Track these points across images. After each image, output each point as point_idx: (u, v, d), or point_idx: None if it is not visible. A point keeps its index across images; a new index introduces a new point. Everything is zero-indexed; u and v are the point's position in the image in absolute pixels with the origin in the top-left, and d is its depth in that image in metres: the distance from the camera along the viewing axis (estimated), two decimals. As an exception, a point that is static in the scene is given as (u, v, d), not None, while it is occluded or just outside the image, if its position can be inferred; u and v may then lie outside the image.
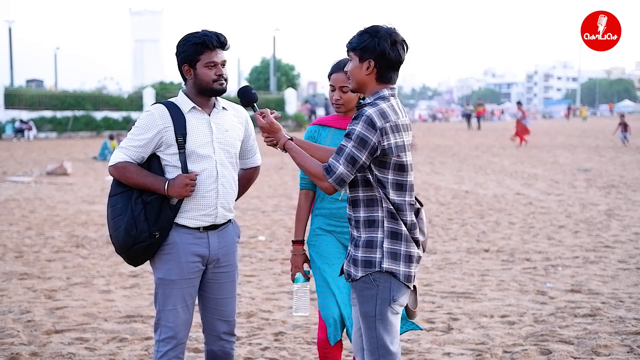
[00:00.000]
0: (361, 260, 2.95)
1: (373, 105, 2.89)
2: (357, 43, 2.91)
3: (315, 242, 3.60)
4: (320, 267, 3.56)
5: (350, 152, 2.84)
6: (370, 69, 2.91)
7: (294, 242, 3.63)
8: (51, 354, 4.62)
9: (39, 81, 49.97)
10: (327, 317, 3.50)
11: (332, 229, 3.57)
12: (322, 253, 3.56)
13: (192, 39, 3.25)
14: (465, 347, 4.75)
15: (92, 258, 7.69)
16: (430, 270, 7.00)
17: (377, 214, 2.93)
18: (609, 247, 7.99)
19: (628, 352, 4.57)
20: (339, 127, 3.60)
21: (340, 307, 3.49)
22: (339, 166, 2.84)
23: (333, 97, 3.57)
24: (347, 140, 2.85)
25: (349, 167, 2.84)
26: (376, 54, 2.88)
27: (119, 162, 3.23)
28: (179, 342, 3.30)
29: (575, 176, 15.47)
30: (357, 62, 2.93)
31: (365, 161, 2.86)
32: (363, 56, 2.90)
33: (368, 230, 2.94)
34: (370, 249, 2.94)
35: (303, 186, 3.66)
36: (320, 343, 3.61)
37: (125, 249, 3.23)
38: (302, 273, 3.58)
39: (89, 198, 12.72)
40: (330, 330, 3.51)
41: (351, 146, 2.84)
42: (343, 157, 2.84)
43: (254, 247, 8.22)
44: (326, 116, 3.70)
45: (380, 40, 2.87)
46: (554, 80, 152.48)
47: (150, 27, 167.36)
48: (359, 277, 2.95)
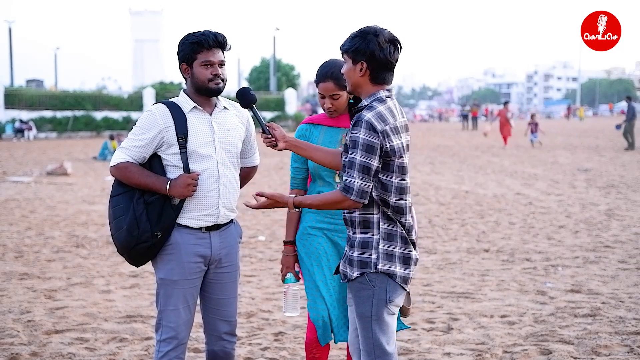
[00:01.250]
0: (357, 261, 2.95)
1: (370, 108, 2.88)
2: (349, 45, 2.92)
3: (305, 242, 3.57)
4: (309, 268, 3.54)
5: (361, 162, 2.81)
6: (363, 71, 2.91)
7: (285, 243, 3.62)
8: (51, 354, 4.62)
9: (39, 81, 50.02)
10: (317, 318, 3.50)
11: (325, 226, 3.54)
12: (312, 254, 3.54)
13: (190, 38, 3.25)
14: (465, 347, 4.75)
15: (92, 258, 7.69)
16: (430, 270, 7.00)
17: (372, 215, 2.93)
18: (609, 247, 7.99)
19: (628, 352, 4.57)
20: (331, 125, 3.58)
21: (329, 309, 3.49)
22: (354, 181, 2.82)
23: (324, 105, 3.54)
24: (354, 151, 2.83)
25: (365, 178, 2.82)
26: (367, 56, 2.88)
27: (121, 163, 3.23)
28: (180, 343, 3.30)
29: (575, 176, 15.47)
30: (350, 65, 2.93)
31: (378, 165, 2.85)
32: (356, 58, 2.91)
33: (363, 231, 2.94)
34: (365, 250, 2.94)
35: (294, 186, 3.64)
36: (308, 343, 3.61)
37: (128, 249, 3.22)
38: (293, 273, 3.57)
39: (89, 198, 12.72)
40: (320, 332, 3.51)
41: (359, 156, 2.82)
42: (356, 170, 2.82)
43: (254, 247, 8.22)
44: (317, 115, 3.67)
45: (369, 41, 2.87)
46: (554, 80, 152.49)
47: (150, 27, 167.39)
48: (355, 277, 2.95)
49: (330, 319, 3.49)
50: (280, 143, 3.14)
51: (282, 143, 3.14)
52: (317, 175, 3.55)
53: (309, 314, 3.54)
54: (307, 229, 3.57)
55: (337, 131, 3.56)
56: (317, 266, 3.52)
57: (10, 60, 45.71)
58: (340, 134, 3.54)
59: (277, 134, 3.14)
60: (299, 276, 3.60)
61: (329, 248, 3.53)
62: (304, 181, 3.63)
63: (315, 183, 3.58)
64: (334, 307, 3.49)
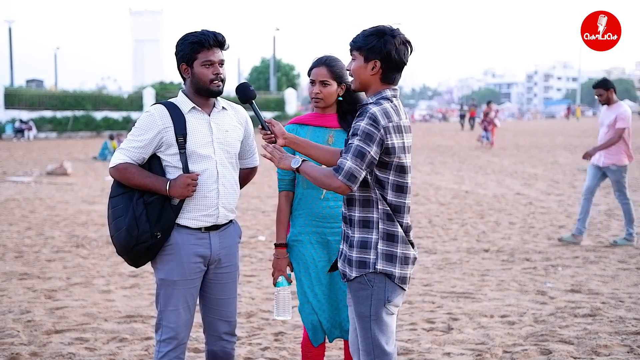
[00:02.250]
0: (356, 261, 2.95)
1: (377, 104, 2.89)
2: (364, 43, 2.91)
3: (294, 249, 3.55)
4: (297, 274, 3.55)
5: (357, 146, 2.81)
6: (375, 70, 2.91)
7: (277, 245, 3.58)
8: (51, 354, 4.62)
9: (39, 81, 50.02)
10: (306, 322, 3.55)
11: (316, 229, 3.50)
12: (300, 260, 3.53)
13: (189, 37, 3.25)
14: (465, 347, 4.75)
15: (92, 258, 7.69)
16: (430, 270, 7.00)
17: (372, 215, 2.93)
18: (609, 247, 7.99)
19: (628, 352, 4.57)
20: (317, 125, 3.54)
21: (317, 312, 3.51)
22: (346, 162, 2.82)
23: (312, 92, 3.50)
24: (353, 138, 2.84)
25: (357, 162, 2.81)
26: (382, 55, 2.88)
27: (120, 164, 3.23)
28: (180, 343, 3.30)
29: (575, 176, 15.47)
30: (361, 62, 2.93)
31: (374, 156, 2.83)
32: (369, 56, 2.90)
33: (362, 231, 2.94)
34: (364, 250, 2.94)
35: (282, 188, 3.59)
36: (303, 343, 3.65)
37: (127, 250, 3.22)
38: (285, 277, 3.55)
39: (89, 198, 12.72)
40: (311, 335, 3.55)
41: (357, 140, 2.82)
42: (350, 153, 2.82)
43: (254, 247, 8.22)
44: (304, 115, 3.64)
45: (386, 41, 2.87)
46: (554, 80, 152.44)
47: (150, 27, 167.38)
48: (354, 277, 2.96)
49: (320, 321, 3.52)
50: (280, 139, 3.14)
51: (281, 139, 3.14)
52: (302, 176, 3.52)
53: (300, 316, 3.58)
54: (297, 235, 3.54)
55: (323, 131, 3.53)
56: (304, 272, 3.52)
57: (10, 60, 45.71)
58: (327, 134, 3.52)
59: (277, 131, 3.14)
60: (290, 279, 3.58)
61: (317, 254, 3.51)
62: (292, 182, 3.59)
63: (299, 186, 3.54)
64: (323, 310, 3.51)
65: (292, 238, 3.57)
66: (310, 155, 3.16)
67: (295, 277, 3.58)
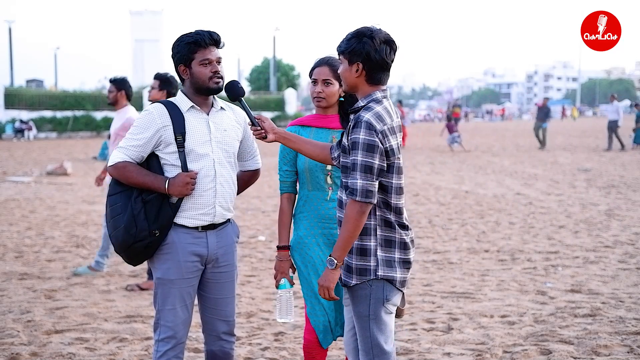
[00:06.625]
0: (355, 268, 2.94)
1: (368, 109, 2.88)
2: (346, 47, 2.92)
3: (301, 251, 3.52)
4: (307, 277, 3.51)
5: (362, 161, 2.80)
6: (359, 72, 2.92)
7: (279, 248, 3.55)
8: (51, 354, 4.62)
9: (39, 81, 50.01)
10: (317, 324, 3.50)
11: (322, 231, 3.48)
12: (309, 262, 3.50)
13: (185, 38, 3.26)
14: (465, 347, 4.75)
15: (92, 258, 7.68)
16: (430, 270, 7.00)
17: (369, 222, 2.92)
18: (609, 247, 7.99)
19: (628, 352, 4.57)
20: (320, 127, 3.52)
21: (328, 313, 3.48)
22: (356, 182, 2.80)
23: (315, 91, 3.49)
24: (355, 152, 2.82)
25: (368, 177, 2.80)
26: (363, 57, 2.88)
27: (119, 162, 3.23)
28: (178, 342, 3.30)
29: (575, 176, 15.47)
30: (346, 65, 2.94)
31: (381, 163, 2.83)
32: (352, 59, 2.91)
33: (360, 238, 2.93)
34: (364, 257, 2.93)
35: (284, 190, 3.57)
36: (306, 345, 3.58)
37: (125, 248, 3.22)
38: (287, 279, 3.51)
39: (89, 198, 12.71)
40: (321, 336, 3.51)
41: (360, 156, 2.80)
42: (358, 171, 2.81)
43: (254, 247, 8.22)
44: (306, 116, 3.62)
45: (365, 43, 2.87)
46: (554, 80, 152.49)
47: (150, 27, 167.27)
48: (354, 284, 2.95)
49: (330, 322, 3.50)
50: (270, 135, 3.16)
51: (271, 135, 3.16)
52: (307, 177, 3.48)
53: (309, 319, 3.53)
54: (302, 238, 3.51)
55: (326, 132, 3.51)
56: (314, 274, 3.48)
57: (10, 60, 45.69)
58: (330, 135, 3.50)
59: (266, 126, 3.15)
60: (293, 281, 3.55)
61: (325, 255, 3.48)
62: (294, 185, 3.57)
63: (304, 188, 3.52)
64: (331, 310, 3.49)
65: (297, 240, 3.53)
66: (301, 150, 3.17)
67: (303, 282, 3.54)
